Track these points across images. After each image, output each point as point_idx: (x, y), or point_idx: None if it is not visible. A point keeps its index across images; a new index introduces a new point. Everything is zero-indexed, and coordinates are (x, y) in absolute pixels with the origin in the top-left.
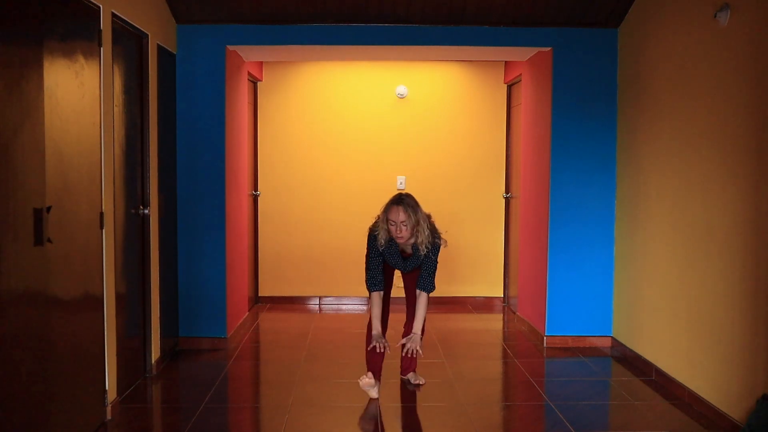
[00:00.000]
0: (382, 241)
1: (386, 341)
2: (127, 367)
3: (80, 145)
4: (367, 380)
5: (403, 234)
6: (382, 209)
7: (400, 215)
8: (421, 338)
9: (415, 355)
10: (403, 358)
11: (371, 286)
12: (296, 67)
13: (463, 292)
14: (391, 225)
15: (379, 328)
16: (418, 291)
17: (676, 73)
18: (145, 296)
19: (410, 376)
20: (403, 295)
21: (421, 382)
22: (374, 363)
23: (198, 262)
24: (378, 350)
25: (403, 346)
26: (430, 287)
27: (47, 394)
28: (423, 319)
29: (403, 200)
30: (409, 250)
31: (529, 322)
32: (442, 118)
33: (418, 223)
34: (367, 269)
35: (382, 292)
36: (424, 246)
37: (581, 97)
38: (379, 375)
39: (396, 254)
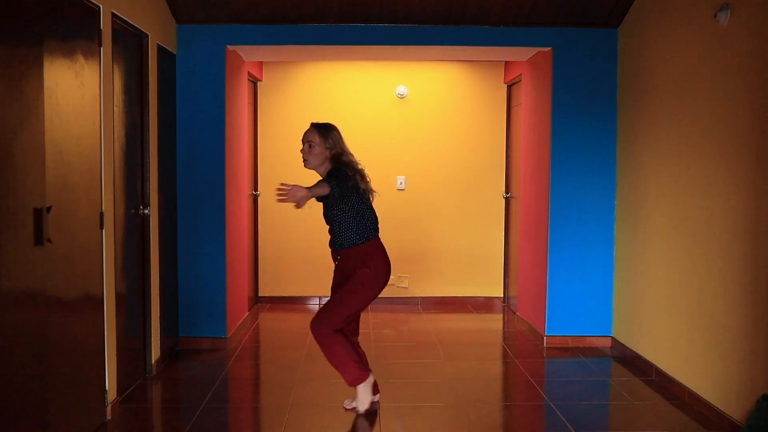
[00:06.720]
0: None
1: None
2: (127, 367)
3: (80, 145)
4: (355, 404)
5: (307, 156)
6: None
7: (308, 134)
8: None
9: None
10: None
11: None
12: (296, 67)
13: (463, 292)
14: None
15: None
16: None
17: (676, 72)
18: (145, 296)
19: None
20: (403, 295)
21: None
22: (355, 367)
23: (198, 262)
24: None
25: None
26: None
27: (47, 394)
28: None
29: (319, 124)
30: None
31: (529, 322)
32: (442, 118)
33: (327, 150)
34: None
35: None
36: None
37: (581, 97)
38: (368, 376)
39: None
